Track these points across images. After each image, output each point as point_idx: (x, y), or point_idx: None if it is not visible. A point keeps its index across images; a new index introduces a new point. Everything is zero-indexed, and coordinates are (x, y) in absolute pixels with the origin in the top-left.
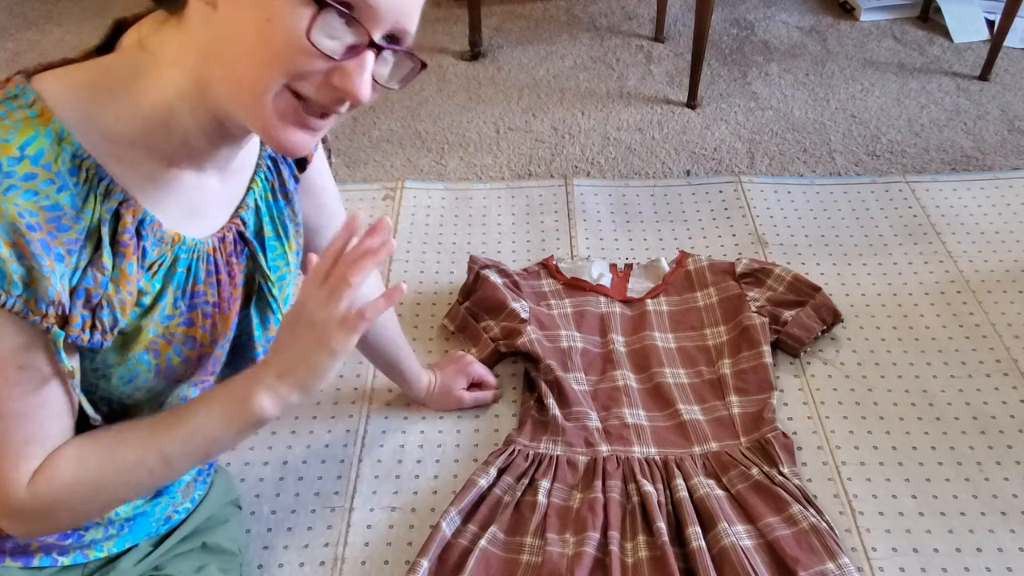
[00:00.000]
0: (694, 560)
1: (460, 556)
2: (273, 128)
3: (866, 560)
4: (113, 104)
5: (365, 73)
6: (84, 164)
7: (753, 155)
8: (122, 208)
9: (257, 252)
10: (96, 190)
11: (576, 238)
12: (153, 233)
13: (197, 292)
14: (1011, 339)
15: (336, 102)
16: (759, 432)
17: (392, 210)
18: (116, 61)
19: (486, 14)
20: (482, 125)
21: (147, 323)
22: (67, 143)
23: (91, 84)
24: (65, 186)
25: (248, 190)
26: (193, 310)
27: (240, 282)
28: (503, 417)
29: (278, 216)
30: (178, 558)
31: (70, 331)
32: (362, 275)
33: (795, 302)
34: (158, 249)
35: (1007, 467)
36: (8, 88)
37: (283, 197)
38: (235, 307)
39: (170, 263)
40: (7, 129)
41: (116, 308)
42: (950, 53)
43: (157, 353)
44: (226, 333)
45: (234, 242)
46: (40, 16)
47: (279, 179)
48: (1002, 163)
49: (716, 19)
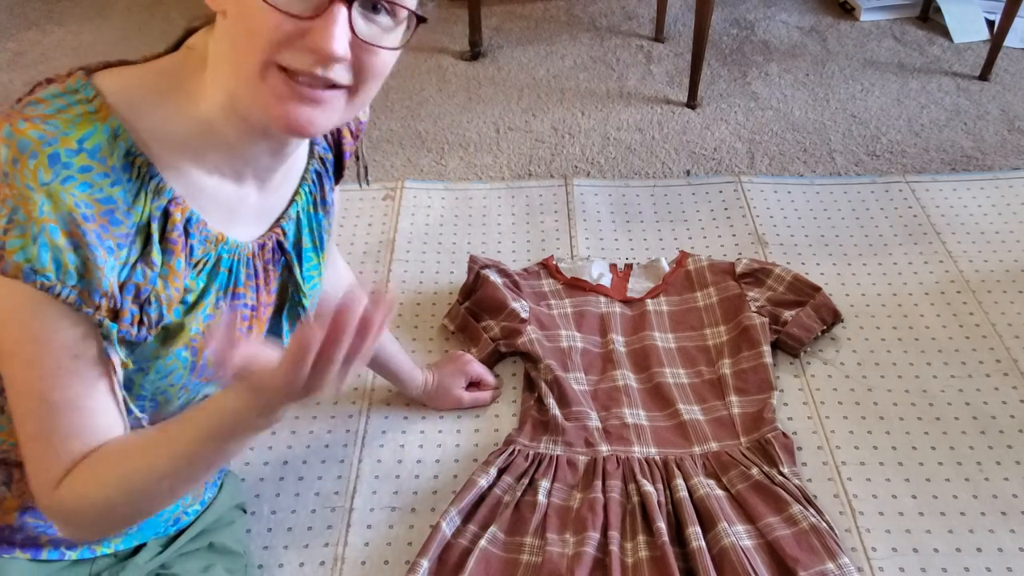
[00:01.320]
0: (694, 560)
1: (460, 556)
2: (273, 108)
3: (866, 560)
4: (163, 106)
5: (334, 27)
6: (137, 161)
7: (753, 155)
8: (171, 206)
9: (293, 263)
10: (147, 187)
11: (576, 238)
12: (200, 232)
13: (238, 294)
14: (1011, 339)
15: (316, 64)
16: (759, 432)
17: (392, 210)
18: (168, 64)
19: (486, 14)
20: (482, 125)
21: (190, 320)
22: (122, 140)
23: (144, 85)
24: (119, 181)
25: (291, 202)
26: (233, 311)
27: (274, 290)
28: (503, 417)
29: (317, 228)
30: (185, 557)
31: (121, 325)
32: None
33: (795, 302)
34: (203, 248)
35: (1007, 467)
36: (69, 83)
37: (323, 209)
38: (268, 312)
39: (214, 262)
40: (67, 122)
41: (163, 304)
42: (950, 53)
43: (195, 351)
44: (260, 337)
45: (272, 251)
46: (41, 16)
47: (321, 192)
48: (1002, 163)
49: (716, 19)
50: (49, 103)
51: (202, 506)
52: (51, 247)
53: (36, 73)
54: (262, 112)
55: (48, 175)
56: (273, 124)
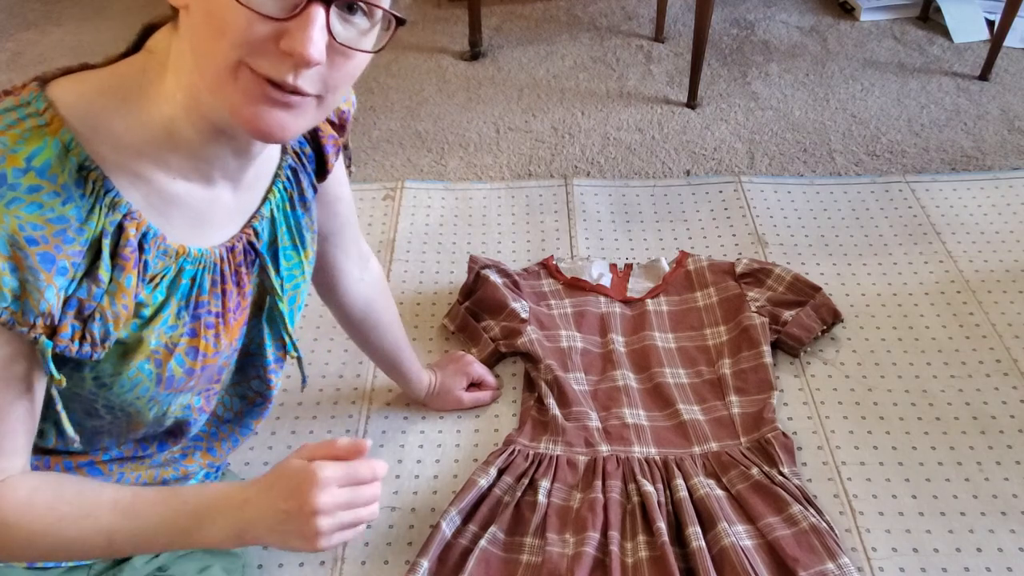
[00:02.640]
0: (694, 560)
1: (460, 556)
2: (242, 110)
3: (866, 560)
4: (122, 114)
5: (310, 29)
6: (91, 176)
7: (753, 155)
8: (126, 221)
9: (267, 264)
10: (102, 202)
11: (576, 238)
12: (156, 247)
13: (200, 303)
14: (1011, 339)
15: (292, 70)
16: (759, 432)
17: (392, 210)
18: (129, 68)
19: (486, 14)
20: (482, 125)
21: (148, 334)
22: (74, 154)
23: (103, 92)
24: (71, 198)
25: (264, 200)
26: (196, 320)
27: (250, 292)
28: (503, 417)
29: (295, 226)
30: (182, 558)
31: (58, 341)
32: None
33: (795, 302)
34: (161, 262)
35: (1007, 467)
36: (22, 95)
37: (301, 206)
38: (242, 317)
39: (174, 275)
40: (15, 139)
41: (109, 321)
42: (950, 53)
43: (159, 363)
44: (231, 344)
45: (244, 252)
46: (40, 16)
47: (298, 188)
48: (1002, 163)
49: (716, 19)
50: (1, 118)
51: None
52: None
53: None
54: (230, 114)
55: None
56: (243, 127)
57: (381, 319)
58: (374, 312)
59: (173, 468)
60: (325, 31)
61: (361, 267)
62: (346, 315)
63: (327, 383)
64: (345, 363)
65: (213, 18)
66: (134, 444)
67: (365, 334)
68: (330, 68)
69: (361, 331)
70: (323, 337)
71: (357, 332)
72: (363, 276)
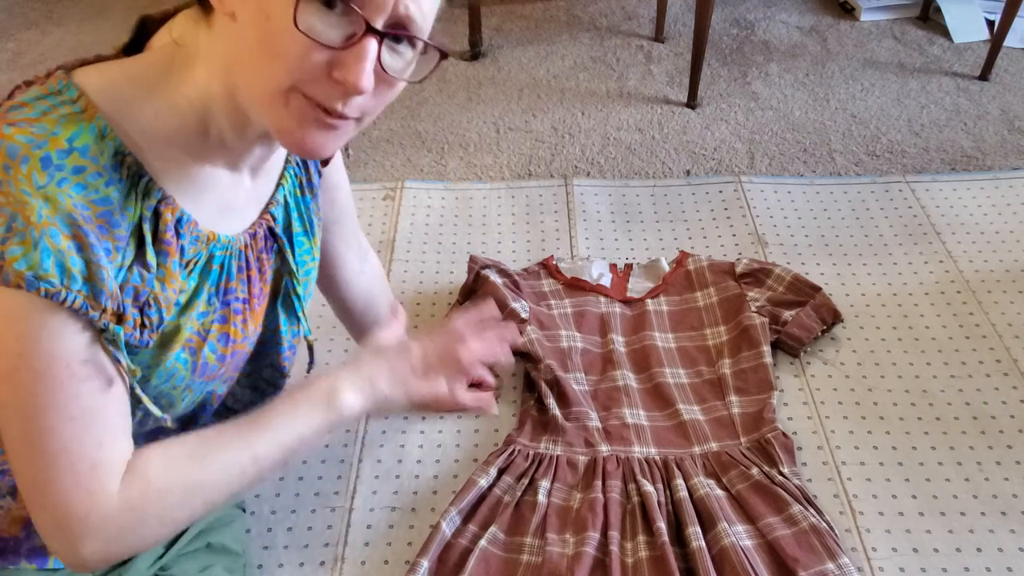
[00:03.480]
0: (694, 560)
1: (460, 556)
2: (291, 131)
3: (866, 560)
4: (151, 101)
5: (364, 62)
6: (126, 160)
7: (753, 155)
8: (161, 206)
9: (286, 248)
10: (137, 187)
11: (576, 238)
12: (190, 232)
13: (230, 289)
14: (1011, 339)
15: (343, 97)
16: (759, 432)
17: (392, 210)
18: (154, 58)
19: (486, 14)
20: (482, 125)
21: (185, 321)
22: (110, 139)
23: (130, 81)
24: (112, 180)
25: (278, 186)
26: (226, 307)
27: (269, 278)
28: (503, 417)
29: (305, 211)
30: (183, 558)
31: (125, 329)
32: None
33: (795, 302)
34: (194, 248)
35: (1007, 467)
36: (50, 83)
37: (309, 192)
38: (264, 302)
39: (205, 261)
40: (53, 123)
41: (162, 306)
42: (950, 53)
43: (193, 351)
44: (256, 329)
45: (264, 238)
46: (40, 16)
47: (307, 175)
48: (1002, 163)
49: (716, 19)
50: (32, 106)
51: None
52: (53, 251)
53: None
54: (275, 131)
55: (43, 178)
56: (287, 144)
57: (382, 313)
58: (375, 306)
59: None
60: (376, 62)
61: (361, 259)
62: (347, 309)
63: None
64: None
65: (270, 41)
66: (144, 439)
67: (365, 328)
68: (373, 95)
69: (361, 325)
70: (323, 337)
71: (358, 327)
72: (363, 268)
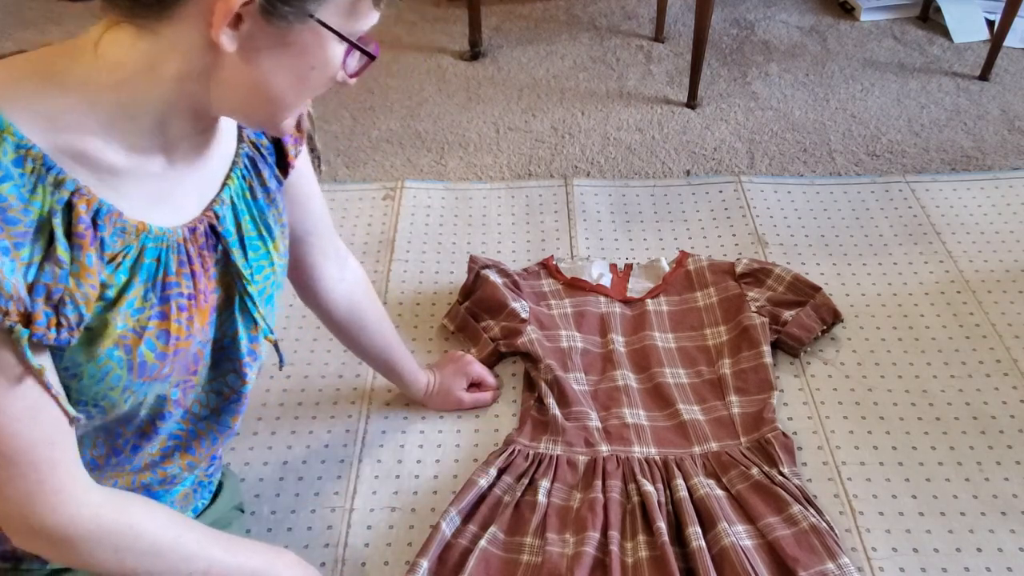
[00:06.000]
0: (694, 560)
1: (460, 556)
2: (276, 134)
3: (866, 560)
4: (62, 97)
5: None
6: (29, 154)
7: (753, 155)
8: (74, 198)
9: (231, 249)
10: (44, 180)
11: (576, 238)
12: (112, 223)
13: (169, 283)
14: (1011, 339)
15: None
16: (759, 432)
17: (392, 210)
18: (65, 54)
19: (486, 14)
20: (482, 125)
21: (113, 317)
22: (8, 133)
23: (36, 75)
24: (8, 176)
25: (223, 186)
26: (166, 302)
27: (214, 275)
28: (503, 417)
29: (259, 216)
30: None
31: (35, 329)
32: None
33: (795, 302)
34: (121, 240)
35: (1007, 467)
36: None
37: (264, 197)
38: (212, 301)
39: (137, 254)
40: None
41: (80, 303)
42: (950, 53)
43: (128, 348)
44: (204, 329)
45: (206, 235)
46: (39, 16)
47: (259, 179)
48: (1002, 163)
49: (716, 19)
50: None
51: (194, 513)
52: None
53: None
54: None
55: None
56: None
57: (367, 318)
58: (358, 311)
59: (151, 472)
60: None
61: (340, 266)
62: (330, 317)
63: (327, 383)
64: (345, 363)
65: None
66: (106, 447)
67: (353, 336)
68: None
69: (348, 333)
70: (323, 337)
71: (344, 334)
72: (343, 276)
